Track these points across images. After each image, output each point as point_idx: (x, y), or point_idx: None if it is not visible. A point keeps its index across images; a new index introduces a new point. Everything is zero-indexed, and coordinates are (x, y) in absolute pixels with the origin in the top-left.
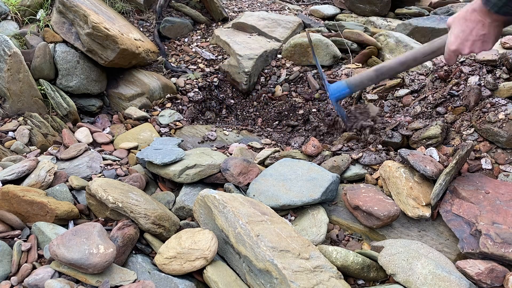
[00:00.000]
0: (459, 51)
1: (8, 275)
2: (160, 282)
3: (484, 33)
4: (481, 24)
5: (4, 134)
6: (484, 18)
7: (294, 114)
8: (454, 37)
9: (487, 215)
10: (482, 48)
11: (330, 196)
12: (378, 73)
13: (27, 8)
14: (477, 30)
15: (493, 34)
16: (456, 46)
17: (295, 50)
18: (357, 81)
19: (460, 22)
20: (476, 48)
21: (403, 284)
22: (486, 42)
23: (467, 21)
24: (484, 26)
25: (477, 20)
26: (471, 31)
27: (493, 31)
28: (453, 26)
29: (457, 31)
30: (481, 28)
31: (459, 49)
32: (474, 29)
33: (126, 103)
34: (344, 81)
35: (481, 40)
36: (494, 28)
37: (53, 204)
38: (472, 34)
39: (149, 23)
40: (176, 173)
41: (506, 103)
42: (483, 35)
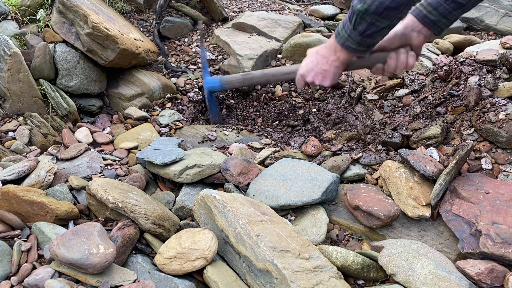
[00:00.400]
0: (304, 77)
1: (8, 275)
2: (160, 282)
3: (325, 69)
4: (325, 61)
5: (4, 134)
6: (329, 55)
7: (294, 114)
8: (304, 64)
9: (487, 215)
10: (321, 82)
11: (330, 196)
12: (245, 78)
13: (27, 8)
14: (321, 65)
15: (332, 72)
16: (303, 72)
17: (295, 50)
18: (228, 79)
19: (313, 53)
20: (317, 79)
21: (403, 284)
22: (325, 77)
23: (317, 54)
24: (327, 63)
25: (323, 55)
26: (317, 63)
27: (333, 69)
28: (308, 55)
29: (308, 60)
30: (324, 63)
31: (304, 75)
32: (319, 63)
33: (126, 103)
34: (219, 77)
35: (322, 74)
36: (334, 68)
37: (53, 204)
38: (317, 66)
39: (149, 23)
40: (176, 173)
41: (506, 103)
42: (324, 70)
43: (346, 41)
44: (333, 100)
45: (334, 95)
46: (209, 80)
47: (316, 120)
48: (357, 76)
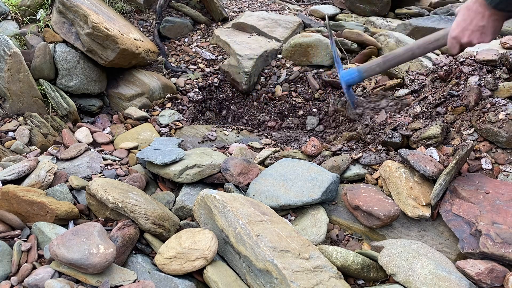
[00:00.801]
0: (459, 39)
1: (8, 275)
2: (160, 282)
3: (482, 24)
4: (481, 16)
5: (4, 134)
6: (484, 10)
7: (294, 114)
8: (456, 24)
9: (487, 215)
10: (480, 39)
11: (330, 196)
12: (385, 59)
13: (27, 8)
14: (476, 21)
15: (491, 27)
16: (456, 33)
17: (295, 50)
18: (366, 66)
19: (464, 11)
20: (474, 38)
21: (403, 284)
22: (484, 34)
23: (469, 10)
24: (483, 17)
25: (477, 11)
26: (471, 20)
27: (491, 24)
28: (458, 14)
29: (459, 19)
30: (480, 19)
31: (458, 36)
32: (474, 19)
33: (126, 103)
34: (356, 68)
35: (479, 31)
36: (493, 22)
37: (53, 204)
38: (472, 24)
39: (149, 23)
40: (176, 173)
41: (506, 103)
42: (481, 27)
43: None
44: (332, 100)
45: (334, 95)
46: (346, 74)
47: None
48: None
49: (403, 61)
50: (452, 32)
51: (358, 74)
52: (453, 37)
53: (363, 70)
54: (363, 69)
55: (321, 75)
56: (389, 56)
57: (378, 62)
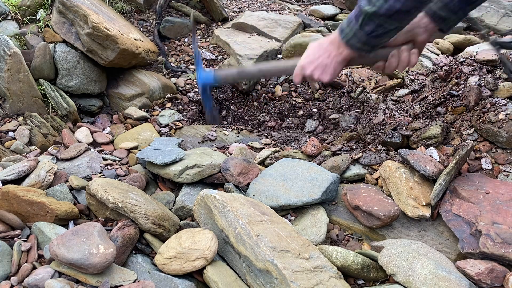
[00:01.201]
0: (304, 70)
1: (8, 275)
2: (160, 282)
3: (326, 63)
4: (327, 54)
5: (4, 134)
6: (332, 49)
7: (294, 114)
8: (306, 55)
9: (487, 215)
10: (321, 76)
11: (330, 196)
12: (240, 74)
13: (27, 8)
14: (322, 58)
15: (333, 68)
16: (303, 63)
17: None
18: (222, 75)
19: (315, 46)
20: (316, 73)
21: (403, 284)
22: (325, 72)
23: (320, 47)
24: (329, 57)
25: (325, 49)
26: (318, 56)
27: (334, 64)
28: (309, 47)
29: (309, 52)
30: (326, 57)
31: (304, 67)
32: (321, 56)
33: (126, 103)
34: (213, 72)
35: (321, 69)
36: (335, 62)
37: (53, 204)
38: (318, 60)
39: (149, 23)
40: (176, 173)
41: (506, 103)
42: (325, 65)
43: (351, 39)
44: (332, 100)
45: (334, 95)
46: (203, 75)
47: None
48: (357, 76)
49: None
50: (301, 61)
51: (213, 79)
52: (300, 66)
53: (218, 77)
54: (219, 76)
55: None
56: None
57: (233, 73)
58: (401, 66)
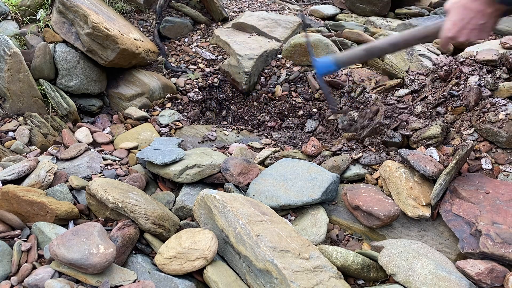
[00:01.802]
0: (456, 38)
1: (8, 275)
2: (160, 282)
3: (483, 22)
4: (481, 14)
5: (4, 134)
6: (485, 7)
7: (294, 114)
8: (452, 24)
9: (487, 215)
10: (479, 37)
11: (330, 196)
12: (368, 53)
13: (27, 8)
14: (476, 19)
15: (491, 24)
16: (453, 33)
17: (295, 50)
18: (346, 58)
19: (460, 10)
20: (473, 36)
21: (403, 284)
22: (483, 31)
23: (467, 9)
24: (484, 15)
25: (477, 10)
26: (470, 19)
27: (492, 21)
28: (452, 13)
29: (455, 18)
30: (480, 17)
31: (456, 36)
32: (473, 18)
33: (126, 103)
34: (332, 57)
35: (479, 29)
36: (493, 18)
37: (53, 204)
38: (471, 23)
39: (149, 23)
40: (176, 173)
41: (506, 103)
42: (481, 25)
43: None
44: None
45: (334, 95)
46: (321, 64)
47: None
48: (357, 76)
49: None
50: (447, 32)
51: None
52: (449, 37)
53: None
54: (341, 61)
55: None
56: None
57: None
58: None
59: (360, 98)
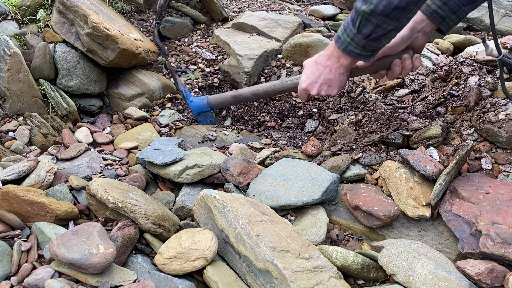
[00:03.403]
0: (308, 91)
1: (8, 275)
2: (160, 282)
3: (330, 78)
4: (329, 70)
5: (4, 134)
6: (332, 63)
7: (294, 114)
8: (305, 77)
9: (487, 215)
10: (328, 92)
11: (330, 196)
12: (235, 99)
13: (27, 8)
14: (325, 75)
15: (338, 81)
16: (305, 86)
17: (295, 50)
18: (217, 101)
19: (312, 65)
20: (322, 91)
21: (403, 284)
22: (331, 87)
23: (318, 64)
24: (331, 71)
25: (325, 65)
26: (320, 74)
27: (338, 77)
28: (306, 68)
29: (308, 72)
30: (328, 73)
31: (308, 88)
32: (322, 73)
33: (126, 103)
34: (205, 100)
35: (327, 84)
36: (339, 75)
37: (53, 204)
38: (320, 77)
39: (149, 23)
40: (176, 173)
41: (506, 103)
42: (329, 80)
43: (348, 46)
44: (332, 100)
45: (334, 95)
46: (196, 105)
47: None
48: None
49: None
50: (302, 84)
51: (206, 106)
52: (303, 89)
53: (213, 104)
54: (213, 103)
55: None
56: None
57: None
58: (404, 72)
59: (360, 98)
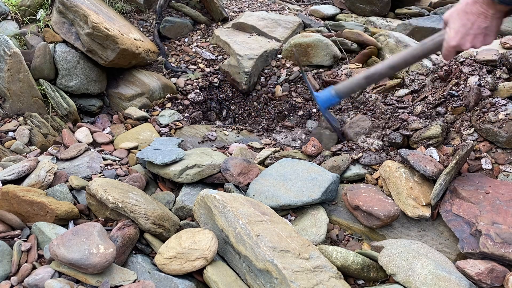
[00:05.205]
0: (460, 47)
1: (8, 275)
2: (160, 282)
3: (486, 25)
4: (484, 16)
5: (4, 134)
6: (486, 9)
7: (294, 114)
8: (454, 32)
9: (487, 215)
10: (484, 42)
11: (330, 196)
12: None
13: (27, 8)
14: (479, 23)
15: (495, 26)
16: (456, 42)
17: (295, 50)
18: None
19: (460, 16)
20: (478, 42)
21: (403, 284)
22: (488, 35)
23: (468, 14)
24: (486, 18)
25: (479, 12)
26: (472, 24)
27: (495, 23)
28: (452, 21)
29: (457, 25)
30: (483, 20)
31: (460, 44)
32: (475, 22)
33: (126, 103)
34: (332, 90)
35: (483, 34)
36: (496, 20)
37: (53, 204)
38: (474, 27)
39: (149, 23)
40: (176, 173)
41: (506, 103)
42: (485, 28)
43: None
44: None
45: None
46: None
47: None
48: None
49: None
50: (451, 41)
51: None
52: (453, 46)
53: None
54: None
55: (321, 75)
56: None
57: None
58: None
59: (360, 98)
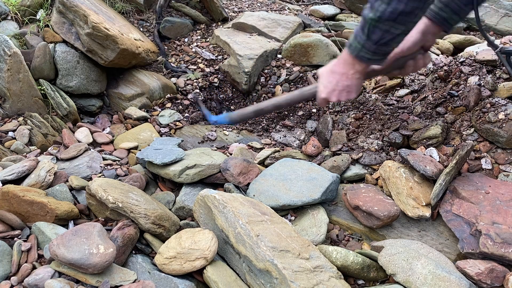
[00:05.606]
0: (329, 99)
1: (8, 275)
2: (160, 282)
3: (348, 84)
4: (345, 77)
5: (4, 134)
6: (348, 70)
7: (294, 114)
8: (323, 87)
9: (487, 215)
10: (347, 97)
11: (330, 196)
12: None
13: (27, 8)
14: (342, 82)
15: (356, 85)
16: (325, 95)
17: (295, 50)
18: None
19: (328, 74)
20: (342, 97)
21: (403, 284)
22: (350, 92)
23: (334, 73)
24: (347, 78)
25: (341, 73)
26: (336, 82)
27: (355, 82)
28: (322, 78)
29: (325, 82)
30: (344, 80)
31: (327, 97)
32: (339, 81)
33: (126, 103)
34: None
35: (346, 90)
36: (356, 80)
37: (53, 204)
38: (338, 85)
39: (149, 23)
40: (176, 173)
41: (506, 103)
42: (347, 86)
43: (360, 52)
44: None
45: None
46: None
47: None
48: None
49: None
50: (321, 94)
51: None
52: (323, 98)
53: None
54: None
55: None
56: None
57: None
58: (416, 70)
59: (360, 98)
